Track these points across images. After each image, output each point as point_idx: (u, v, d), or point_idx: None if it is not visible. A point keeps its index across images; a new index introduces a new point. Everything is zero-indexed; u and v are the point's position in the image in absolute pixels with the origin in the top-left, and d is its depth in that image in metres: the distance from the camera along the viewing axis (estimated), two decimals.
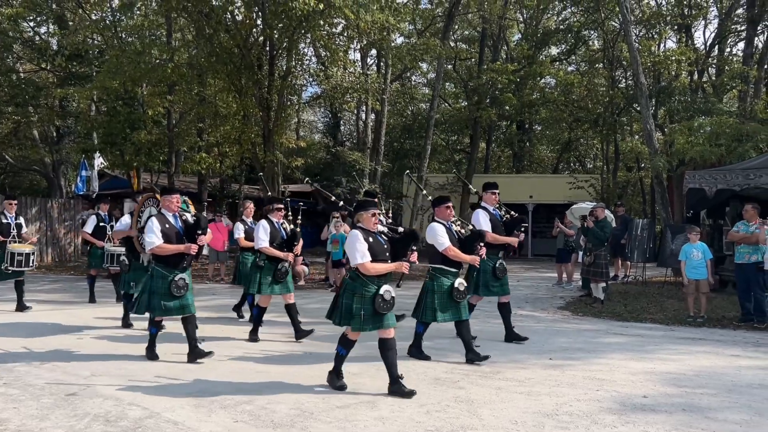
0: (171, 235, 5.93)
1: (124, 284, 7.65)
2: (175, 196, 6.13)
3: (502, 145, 31.05)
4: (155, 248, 5.80)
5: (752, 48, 18.24)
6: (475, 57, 26.85)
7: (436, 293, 6.01)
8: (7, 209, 9.26)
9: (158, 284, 5.93)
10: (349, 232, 5.12)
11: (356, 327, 4.96)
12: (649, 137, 15.35)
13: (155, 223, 5.85)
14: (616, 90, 22.72)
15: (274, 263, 7.18)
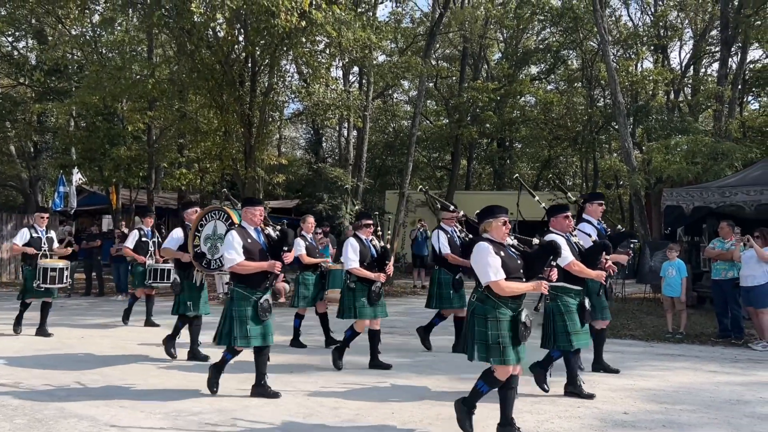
0: (254, 252, 5.25)
1: (178, 305, 6.89)
2: (259, 208, 5.47)
3: (483, 162, 31.28)
4: (236, 266, 5.13)
5: (726, 69, 18.64)
6: (456, 75, 27.12)
7: (565, 314, 5.21)
8: (37, 222, 8.74)
9: (240, 308, 5.21)
10: (477, 244, 4.33)
11: (500, 359, 4.10)
12: (627, 155, 15.58)
13: (236, 238, 5.18)
14: (595, 109, 23.07)
15: (366, 284, 6.52)
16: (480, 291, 4.26)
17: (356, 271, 6.46)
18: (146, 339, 8.34)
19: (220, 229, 6.44)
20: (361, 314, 6.48)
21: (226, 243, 5.24)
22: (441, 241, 7.45)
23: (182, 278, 6.88)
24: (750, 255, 8.17)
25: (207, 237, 6.55)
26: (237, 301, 5.23)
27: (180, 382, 5.96)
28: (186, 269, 6.88)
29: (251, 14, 12.49)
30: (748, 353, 7.78)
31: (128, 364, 6.77)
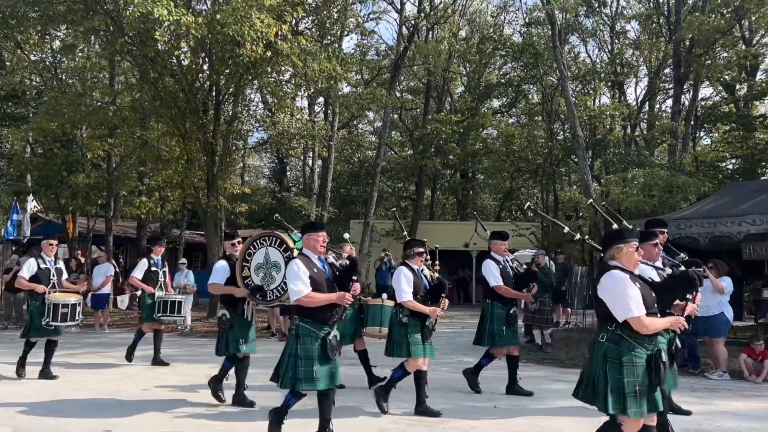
0: (321, 282, 4.73)
1: (227, 344, 6.17)
2: (322, 234, 4.93)
3: (447, 192, 31.59)
4: (303, 299, 4.60)
5: (679, 105, 19.38)
6: (421, 107, 27.51)
7: None
8: (46, 251, 7.69)
9: (306, 345, 4.64)
10: (609, 273, 3.78)
11: (637, 411, 3.59)
12: (586, 187, 15.94)
13: (301, 267, 4.67)
14: (555, 142, 23.61)
15: (419, 319, 5.96)
16: (611, 330, 3.69)
17: (410, 305, 5.88)
18: (166, 380, 7.63)
19: (274, 256, 5.82)
20: (414, 352, 5.90)
21: (290, 273, 4.70)
22: (492, 271, 6.79)
23: (231, 314, 6.19)
24: (705, 286, 8.36)
25: (258, 266, 5.88)
26: (302, 338, 4.66)
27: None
28: (235, 304, 6.20)
29: (216, 43, 12.49)
30: (704, 382, 7.92)
31: (155, 411, 6.01)
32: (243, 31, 11.46)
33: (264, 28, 11.67)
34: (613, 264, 3.82)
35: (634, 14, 24.66)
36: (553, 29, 17.14)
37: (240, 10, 11.36)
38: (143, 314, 8.89)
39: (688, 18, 17.50)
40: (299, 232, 5.57)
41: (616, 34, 24.72)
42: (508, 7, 28.21)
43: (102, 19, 12.26)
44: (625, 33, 25.18)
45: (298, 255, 4.92)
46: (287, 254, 5.65)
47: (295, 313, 4.78)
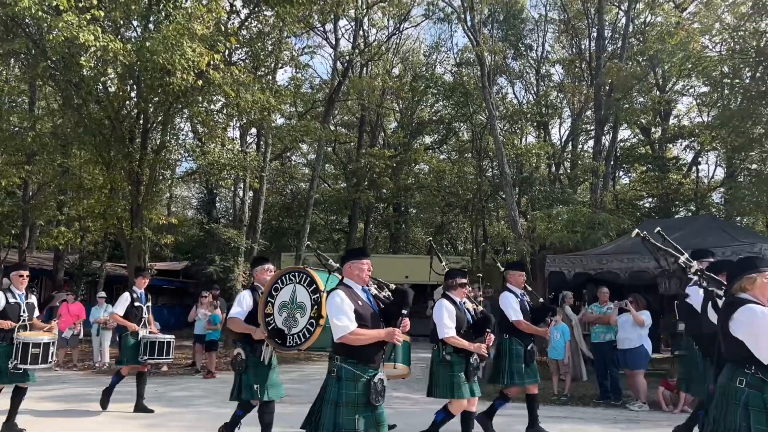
0: (366, 316, 4.09)
1: (239, 389, 5.48)
2: (366, 261, 4.28)
3: (380, 226, 31.76)
4: (348, 336, 3.92)
5: (600, 146, 20.35)
6: (354, 141, 27.74)
7: None
8: (15, 283, 6.65)
9: (349, 390, 3.96)
10: (746, 307, 3.30)
11: None
12: (513, 223, 16.38)
13: (345, 300, 4.02)
14: (484, 178, 24.27)
15: (463, 356, 5.49)
16: (750, 373, 3.24)
17: (454, 341, 5.38)
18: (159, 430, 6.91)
19: (301, 296, 5.15)
20: (458, 393, 5.42)
21: (332, 307, 4.05)
22: (512, 305, 6.28)
23: (247, 354, 5.46)
24: (626, 319, 8.69)
25: (283, 305, 5.18)
26: (345, 382, 3.97)
27: None
28: (253, 343, 5.48)
29: (145, 71, 12.18)
30: (626, 413, 8.15)
31: None
32: (174, 59, 11.24)
33: (196, 57, 11.50)
34: (745, 297, 3.40)
35: (558, 59, 25.99)
36: (483, 70, 17.77)
37: (171, 38, 11.16)
38: (124, 356, 7.77)
39: (608, 64, 18.55)
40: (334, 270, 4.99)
41: (542, 76, 25.88)
42: (440, 47, 29.12)
43: (23, 42, 11.77)
44: (550, 76, 26.42)
45: (340, 285, 4.22)
46: (315, 296, 5.01)
47: (335, 352, 4.07)
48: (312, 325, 4.96)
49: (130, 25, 14.10)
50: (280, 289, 5.22)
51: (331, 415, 3.91)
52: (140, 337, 7.65)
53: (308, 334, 4.96)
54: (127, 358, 7.69)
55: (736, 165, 23.69)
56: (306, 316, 5.04)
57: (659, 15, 20.78)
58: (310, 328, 4.97)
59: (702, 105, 24.34)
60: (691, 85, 24.15)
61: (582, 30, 23.24)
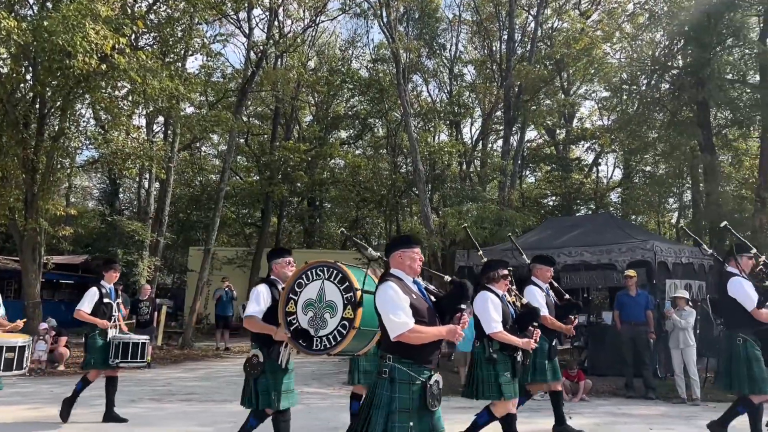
0: (423, 312, 3.67)
1: (254, 396, 4.89)
2: (417, 249, 3.86)
3: (294, 220, 31.44)
4: (408, 334, 3.50)
5: (508, 145, 21.06)
6: (268, 133, 27.25)
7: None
8: None
9: (404, 395, 3.54)
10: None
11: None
12: (426, 218, 16.68)
13: (399, 293, 3.58)
14: (398, 174, 24.54)
15: (508, 354, 5.13)
16: None
17: (502, 336, 4.96)
18: None
19: (331, 295, 4.62)
20: (507, 393, 5.06)
21: (385, 300, 3.60)
22: (538, 299, 6.07)
23: (264, 357, 4.92)
24: None
25: (308, 303, 4.68)
26: (398, 385, 3.55)
27: None
28: (270, 344, 4.89)
29: (42, 52, 11.40)
30: (528, 402, 8.48)
31: None
32: (75, 41, 10.58)
33: (99, 39, 10.89)
34: None
35: (470, 59, 26.65)
36: (398, 67, 17.94)
37: (72, 18, 10.50)
38: (91, 358, 6.94)
39: (517, 66, 19.21)
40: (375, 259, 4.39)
41: (455, 76, 26.45)
42: (356, 43, 29.13)
43: None
44: (463, 76, 27.06)
45: (389, 276, 3.75)
46: (348, 295, 4.51)
47: (387, 351, 3.63)
48: (344, 328, 4.45)
49: (25, 2, 13.17)
50: (304, 285, 4.71)
51: (381, 422, 3.47)
52: (110, 338, 6.90)
53: (339, 337, 4.47)
54: (95, 360, 6.90)
55: (632, 167, 25.26)
56: (337, 317, 4.53)
57: (565, 21, 21.78)
58: (342, 330, 4.47)
59: (603, 109, 25.75)
60: (594, 90, 25.52)
61: (493, 32, 23.94)
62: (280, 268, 5.18)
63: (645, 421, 7.27)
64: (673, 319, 8.84)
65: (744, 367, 5.38)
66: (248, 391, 4.92)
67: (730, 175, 19.41)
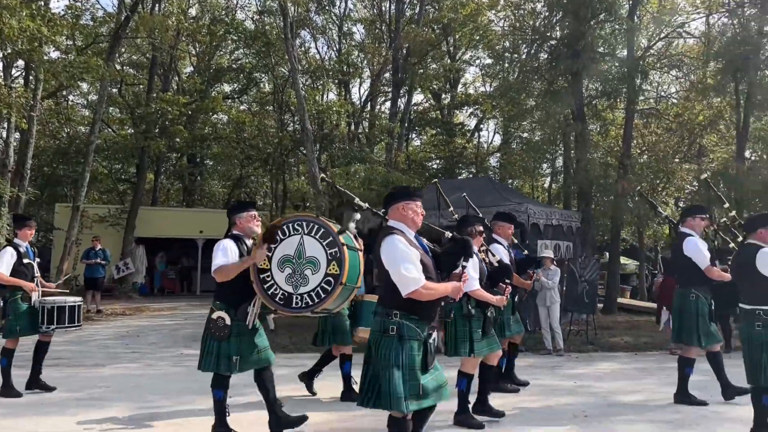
0: (430, 268, 3.59)
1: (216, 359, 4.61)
2: (419, 202, 3.72)
3: (172, 177, 29.99)
4: (421, 290, 3.40)
5: (396, 108, 21.25)
6: (144, 84, 25.55)
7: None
8: None
9: (412, 352, 3.47)
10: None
11: None
12: (313, 179, 16.50)
13: (410, 248, 3.48)
14: (285, 133, 24.02)
15: (482, 310, 5.11)
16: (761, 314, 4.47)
17: (479, 294, 4.88)
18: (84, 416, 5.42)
19: (312, 250, 4.45)
20: (476, 350, 5.05)
21: (394, 254, 3.44)
22: (502, 256, 6.00)
23: (232, 317, 4.60)
24: None
25: (285, 260, 4.49)
26: (407, 342, 3.46)
27: None
28: (238, 303, 4.61)
29: None
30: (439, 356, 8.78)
31: None
32: None
33: None
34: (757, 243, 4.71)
35: (359, 18, 26.35)
36: (285, 20, 17.34)
37: None
38: (16, 325, 6.19)
39: (406, 28, 19.28)
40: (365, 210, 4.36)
41: (344, 34, 26.08)
42: None
43: None
44: (352, 35, 26.74)
45: (393, 230, 3.59)
46: (333, 251, 4.37)
47: (393, 308, 3.50)
48: (329, 284, 4.37)
49: None
50: (279, 240, 4.52)
51: (395, 380, 3.37)
52: (34, 302, 6.25)
53: (323, 294, 4.39)
54: (20, 327, 6.20)
55: (510, 133, 26.41)
56: (320, 273, 4.41)
57: None
58: (326, 287, 4.38)
59: (486, 75, 26.59)
60: (478, 56, 26.23)
61: None
62: (245, 223, 4.84)
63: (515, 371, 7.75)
64: (542, 282, 9.42)
65: (695, 322, 5.83)
66: (208, 353, 4.64)
67: (597, 143, 20.81)
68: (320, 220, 4.53)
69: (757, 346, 4.60)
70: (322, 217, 4.60)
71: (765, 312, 4.63)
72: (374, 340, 3.53)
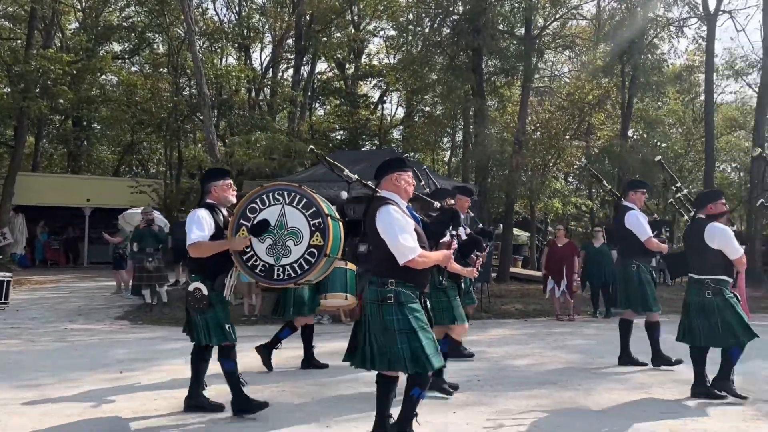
0: (423, 237, 3.71)
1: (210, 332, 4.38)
2: (409, 172, 3.83)
3: (55, 141, 27.92)
4: (418, 259, 3.52)
5: (299, 76, 20.84)
6: (23, 38, 23.41)
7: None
8: None
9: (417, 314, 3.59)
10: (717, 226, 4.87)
11: None
12: (211, 146, 15.92)
13: (406, 218, 3.60)
14: (181, 97, 22.94)
15: (455, 281, 5.14)
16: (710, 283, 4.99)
17: (451, 266, 4.69)
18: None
19: (294, 221, 4.34)
20: (459, 318, 5.10)
21: (393, 224, 3.51)
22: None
23: (209, 289, 4.37)
24: None
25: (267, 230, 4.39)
26: (407, 307, 3.58)
27: None
28: (215, 275, 4.41)
29: None
30: (319, 327, 8.79)
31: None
32: None
33: None
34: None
35: None
36: None
37: None
38: None
39: None
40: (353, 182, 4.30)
41: None
42: None
43: None
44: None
45: (387, 200, 3.65)
46: (316, 221, 4.29)
47: (389, 276, 3.59)
48: (313, 255, 4.28)
49: None
50: (258, 210, 4.38)
51: (410, 342, 3.50)
52: None
53: (307, 265, 4.29)
54: None
55: (413, 106, 26.71)
56: (303, 244, 4.32)
57: None
58: (309, 258, 4.29)
59: (390, 47, 26.62)
60: (382, 27, 26.13)
61: None
62: (220, 192, 4.59)
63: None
64: None
65: (637, 289, 6.15)
66: (197, 328, 4.45)
67: (495, 119, 21.50)
68: (303, 190, 4.47)
69: (709, 312, 4.96)
70: (305, 187, 4.54)
71: (713, 281, 4.99)
72: (372, 309, 3.63)
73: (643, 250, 6.17)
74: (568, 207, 22.11)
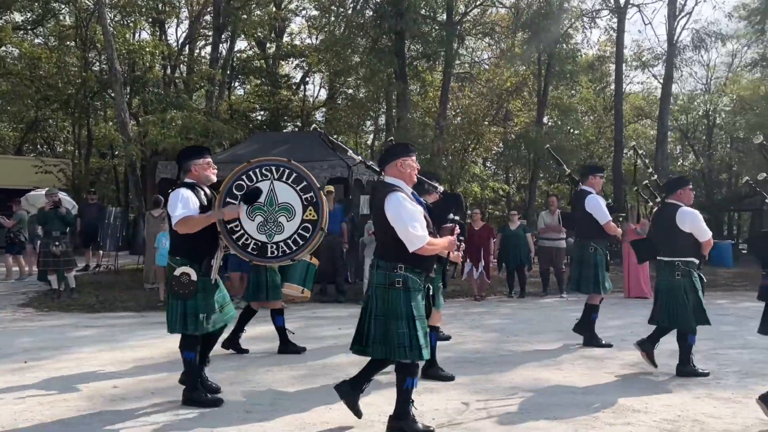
0: (429, 224, 3.72)
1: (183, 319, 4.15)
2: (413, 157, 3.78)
3: None
4: (427, 246, 3.54)
5: (218, 53, 20.16)
6: None
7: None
8: None
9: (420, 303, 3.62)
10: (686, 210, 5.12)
11: None
12: (123, 125, 15.23)
13: (415, 206, 3.60)
14: (90, 72, 21.74)
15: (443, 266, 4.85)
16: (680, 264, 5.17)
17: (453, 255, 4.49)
18: None
19: (285, 196, 4.27)
20: (438, 304, 4.92)
21: (403, 212, 3.47)
22: None
23: (197, 272, 4.16)
24: None
25: (255, 207, 4.27)
26: (413, 293, 3.59)
27: None
28: (202, 257, 4.20)
29: None
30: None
31: None
32: None
33: None
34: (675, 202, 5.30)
35: None
36: None
37: None
38: None
39: None
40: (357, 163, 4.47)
41: None
42: None
43: None
44: None
45: (394, 187, 3.60)
46: (308, 195, 4.24)
47: (398, 261, 3.58)
48: (307, 230, 4.25)
49: None
50: (246, 187, 4.28)
51: (409, 329, 3.54)
52: None
53: (302, 241, 4.25)
54: None
55: (336, 88, 26.50)
56: (296, 219, 4.27)
57: None
58: (303, 234, 4.25)
59: (312, 27, 26.21)
60: (304, 6, 25.70)
61: None
62: (200, 170, 4.33)
63: (336, 322, 7.97)
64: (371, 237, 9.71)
65: (592, 272, 6.28)
66: (175, 314, 4.20)
67: (417, 103, 21.71)
68: (292, 164, 4.38)
69: (678, 293, 5.15)
70: (294, 162, 4.42)
71: (683, 263, 5.18)
72: (379, 294, 3.64)
73: (601, 233, 6.37)
74: (487, 191, 22.69)
